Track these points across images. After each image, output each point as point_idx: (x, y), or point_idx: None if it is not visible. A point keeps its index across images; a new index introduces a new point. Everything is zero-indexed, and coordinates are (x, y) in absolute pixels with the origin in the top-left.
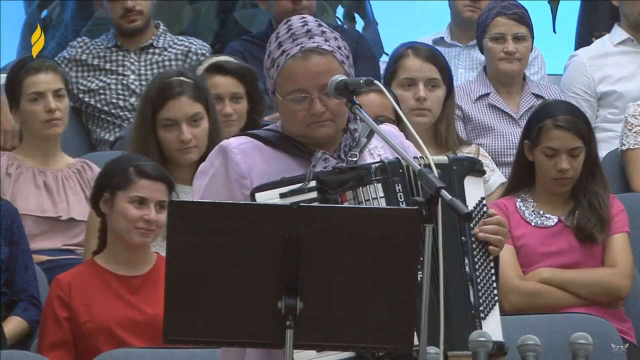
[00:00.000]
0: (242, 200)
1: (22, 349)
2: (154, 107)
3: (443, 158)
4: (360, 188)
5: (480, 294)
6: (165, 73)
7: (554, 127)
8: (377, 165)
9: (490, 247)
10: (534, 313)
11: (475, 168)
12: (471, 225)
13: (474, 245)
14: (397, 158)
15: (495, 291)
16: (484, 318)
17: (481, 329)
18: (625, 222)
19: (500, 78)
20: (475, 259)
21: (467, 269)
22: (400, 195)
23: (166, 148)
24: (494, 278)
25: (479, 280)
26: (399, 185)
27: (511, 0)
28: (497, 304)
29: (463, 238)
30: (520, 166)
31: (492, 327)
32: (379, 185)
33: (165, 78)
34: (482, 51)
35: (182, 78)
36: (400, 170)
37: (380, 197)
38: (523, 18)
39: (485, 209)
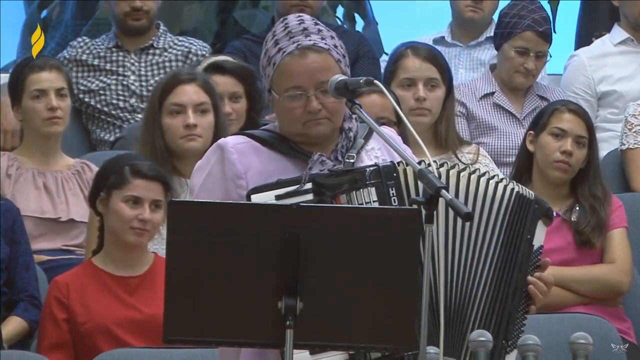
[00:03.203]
0: (237, 199)
1: (22, 349)
2: (162, 93)
3: (530, 192)
4: (354, 192)
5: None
6: (176, 70)
7: (566, 110)
8: (371, 169)
9: (532, 307)
10: (533, 313)
11: (547, 214)
12: (526, 270)
13: (524, 287)
14: (392, 162)
15: (521, 335)
16: (507, 353)
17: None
18: (624, 218)
19: (509, 84)
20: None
21: (513, 302)
22: (394, 200)
23: (170, 136)
24: (524, 323)
25: (517, 316)
26: (393, 189)
27: (541, 13)
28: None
29: (519, 276)
30: (521, 161)
31: None
32: (373, 189)
33: (177, 72)
34: (497, 48)
35: (193, 72)
36: (395, 174)
37: (373, 201)
38: (549, 35)
39: (539, 257)
